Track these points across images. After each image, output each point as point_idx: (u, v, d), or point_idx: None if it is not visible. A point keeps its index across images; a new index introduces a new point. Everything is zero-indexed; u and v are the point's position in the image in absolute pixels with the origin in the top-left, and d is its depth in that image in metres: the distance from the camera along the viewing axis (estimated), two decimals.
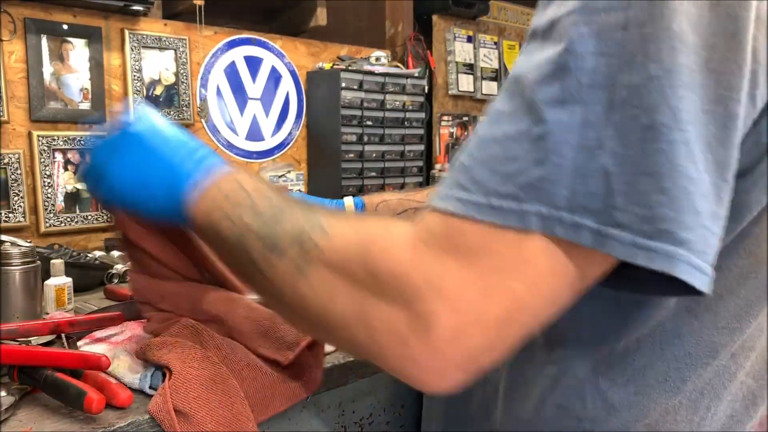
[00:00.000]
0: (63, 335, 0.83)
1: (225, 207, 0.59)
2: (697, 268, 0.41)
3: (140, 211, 0.68)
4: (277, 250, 0.53)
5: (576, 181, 0.42)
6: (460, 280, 0.44)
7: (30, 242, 0.96)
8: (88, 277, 1.26)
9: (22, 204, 1.58)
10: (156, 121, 0.72)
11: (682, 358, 0.54)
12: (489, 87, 2.84)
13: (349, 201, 1.01)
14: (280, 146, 2.15)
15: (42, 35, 1.62)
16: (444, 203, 0.46)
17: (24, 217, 1.58)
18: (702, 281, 0.42)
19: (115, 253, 1.49)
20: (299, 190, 2.16)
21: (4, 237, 0.96)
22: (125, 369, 0.75)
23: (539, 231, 0.43)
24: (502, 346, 0.46)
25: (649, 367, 0.54)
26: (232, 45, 2.01)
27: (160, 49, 1.83)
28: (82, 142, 1.67)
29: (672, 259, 0.41)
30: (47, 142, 1.62)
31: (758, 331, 0.56)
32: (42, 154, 1.61)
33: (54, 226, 1.63)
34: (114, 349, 0.80)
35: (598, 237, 0.42)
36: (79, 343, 0.84)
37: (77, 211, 1.68)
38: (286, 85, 2.15)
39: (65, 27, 1.65)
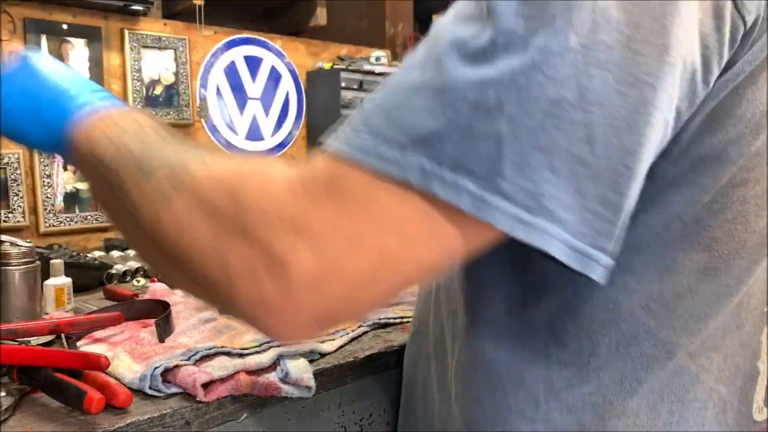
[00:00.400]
0: (63, 335, 0.83)
1: (110, 133, 0.53)
2: (574, 249, 0.41)
3: (19, 136, 0.63)
4: (146, 171, 0.49)
5: (466, 140, 0.40)
6: (330, 225, 0.42)
7: (29, 242, 0.95)
8: (87, 277, 1.26)
9: (21, 204, 1.58)
10: (50, 59, 0.67)
11: (638, 359, 0.52)
12: None
13: None
14: (280, 146, 2.15)
15: (42, 35, 1.62)
16: (333, 143, 0.44)
17: (23, 217, 1.58)
18: (580, 262, 0.41)
19: (115, 253, 1.49)
20: None
21: (3, 237, 0.96)
22: (125, 369, 0.75)
23: (418, 186, 0.40)
24: (363, 302, 0.44)
25: (605, 368, 0.53)
26: (231, 45, 2.01)
27: (160, 48, 1.83)
28: None
29: (547, 236, 0.40)
30: None
31: (720, 332, 0.54)
32: (41, 154, 1.61)
33: (53, 226, 1.63)
34: (114, 349, 0.80)
35: (477, 202, 0.40)
36: (78, 343, 0.84)
37: (77, 211, 1.68)
38: (286, 85, 2.15)
39: (65, 27, 1.65)
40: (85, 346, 0.83)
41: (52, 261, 1.05)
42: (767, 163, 0.50)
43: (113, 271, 1.31)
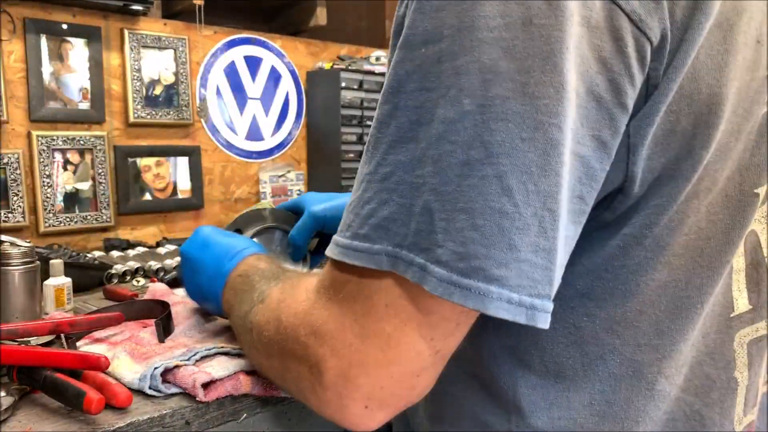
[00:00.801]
0: (62, 335, 0.83)
1: (230, 299, 0.70)
2: (515, 304, 0.41)
3: (206, 307, 0.83)
4: (245, 329, 0.61)
5: (410, 218, 0.43)
6: (339, 324, 0.47)
7: (29, 242, 0.95)
8: (87, 277, 1.26)
9: (21, 204, 1.58)
10: (206, 237, 0.81)
11: (606, 379, 0.52)
12: None
13: None
14: (280, 146, 2.15)
15: (41, 35, 1.62)
16: (330, 251, 0.48)
17: (23, 217, 1.58)
18: (526, 316, 0.41)
19: (115, 253, 1.49)
20: (299, 191, 2.16)
21: (3, 237, 0.95)
22: (125, 369, 0.74)
23: (390, 270, 0.43)
24: (400, 382, 0.46)
25: (573, 390, 0.52)
26: (231, 45, 2.01)
27: (160, 48, 1.83)
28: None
29: (484, 298, 0.40)
30: (46, 142, 1.62)
31: (684, 343, 0.53)
32: (41, 154, 1.61)
33: (53, 226, 1.63)
34: (114, 349, 0.80)
35: (423, 274, 0.42)
36: (78, 343, 0.84)
37: (76, 211, 1.67)
38: (286, 85, 2.15)
39: (65, 27, 1.65)
40: (85, 346, 0.83)
41: (52, 261, 1.05)
42: (717, 168, 0.50)
43: (113, 271, 1.31)
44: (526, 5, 0.41)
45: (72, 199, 1.67)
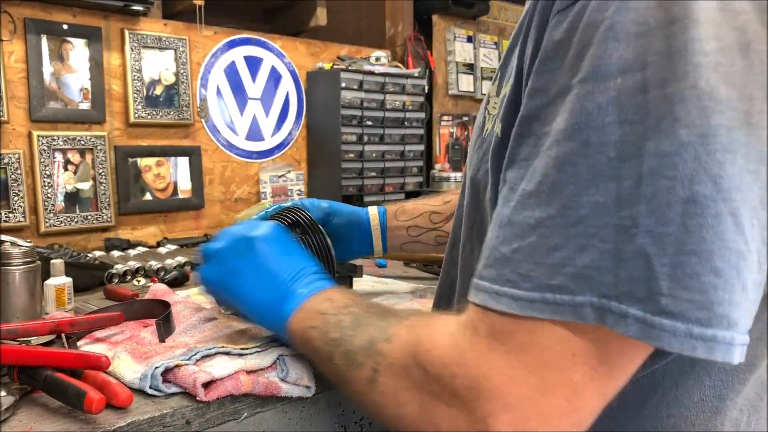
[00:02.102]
0: (63, 335, 0.83)
1: (316, 322, 0.65)
2: (743, 345, 0.39)
3: (251, 319, 0.77)
4: (355, 363, 0.56)
5: (620, 266, 0.39)
6: (510, 379, 0.43)
7: (30, 242, 0.95)
8: (88, 277, 1.26)
9: (22, 204, 1.58)
10: (278, 236, 0.76)
11: (717, 375, 0.49)
12: (488, 87, 2.84)
13: (373, 210, 1.04)
14: (280, 146, 2.15)
15: (42, 35, 1.62)
16: (494, 302, 0.45)
17: (24, 217, 1.58)
18: (742, 354, 0.39)
19: (115, 253, 1.49)
20: (299, 190, 2.16)
21: (4, 237, 0.96)
22: (125, 368, 0.75)
23: (596, 323, 0.40)
24: (569, 428, 0.45)
25: (682, 388, 0.50)
26: (232, 45, 2.01)
27: (160, 49, 1.83)
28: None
29: (731, 346, 0.38)
30: (47, 142, 1.62)
31: None
32: (42, 154, 1.61)
33: (54, 226, 1.63)
34: (114, 349, 0.80)
35: (644, 327, 0.39)
36: (79, 343, 0.84)
37: (77, 211, 1.68)
38: (286, 85, 2.15)
39: (65, 27, 1.65)
40: (85, 345, 0.83)
41: (52, 261, 1.05)
42: None
43: (113, 271, 1.31)
44: (741, 29, 0.38)
45: (72, 199, 1.67)
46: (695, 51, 0.38)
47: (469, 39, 2.76)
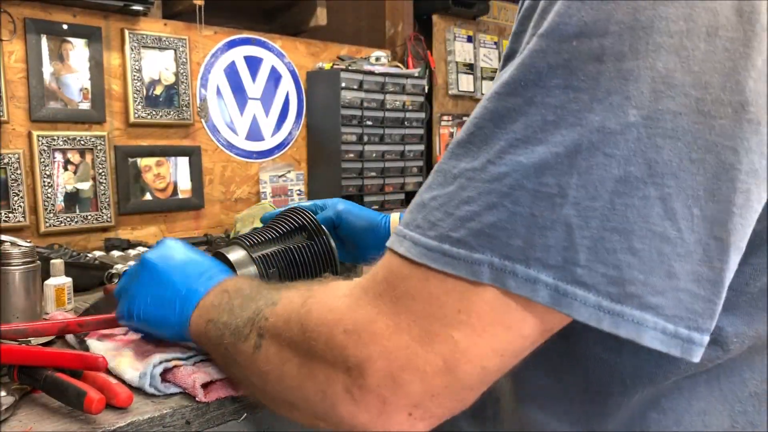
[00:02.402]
0: (73, 335, 0.83)
1: (211, 314, 0.63)
2: (671, 335, 0.38)
3: (159, 334, 0.74)
4: (242, 336, 0.55)
5: (532, 231, 0.38)
6: (393, 324, 0.42)
7: (30, 242, 0.95)
8: (87, 276, 1.26)
9: (21, 204, 1.58)
10: (170, 251, 0.75)
11: (747, 399, 0.46)
12: (489, 87, 2.83)
13: (395, 216, 0.98)
14: (280, 146, 2.15)
15: (42, 35, 1.62)
16: (398, 244, 0.44)
17: (24, 217, 1.58)
18: (681, 349, 0.38)
19: (115, 253, 1.49)
20: (299, 191, 2.16)
21: (4, 237, 0.96)
22: (126, 366, 0.75)
23: (489, 283, 0.39)
24: (454, 394, 0.43)
25: (709, 414, 0.46)
26: (231, 45, 2.01)
27: (160, 49, 1.83)
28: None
29: (640, 326, 0.38)
30: (47, 142, 1.62)
31: None
32: (42, 154, 1.61)
33: (54, 226, 1.63)
34: (118, 346, 0.80)
35: (555, 295, 0.38)
36: (87, 339, 0.84)
37: (77, 211, 1.68)
38: (286, 85, 2.15)
39: (65, 27, 1.65)
40: (91, 341, 0.83)
41: (52, 261, 1.05)
42: None
43: (113, 270, 1.31)
44: (713, 13, 0.37)
45: (72, 199, 1.67)
46: (660, 30, 0.37)
47: (469, 39, 2.76)
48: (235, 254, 0.87)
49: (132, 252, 1.50)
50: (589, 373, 0.49)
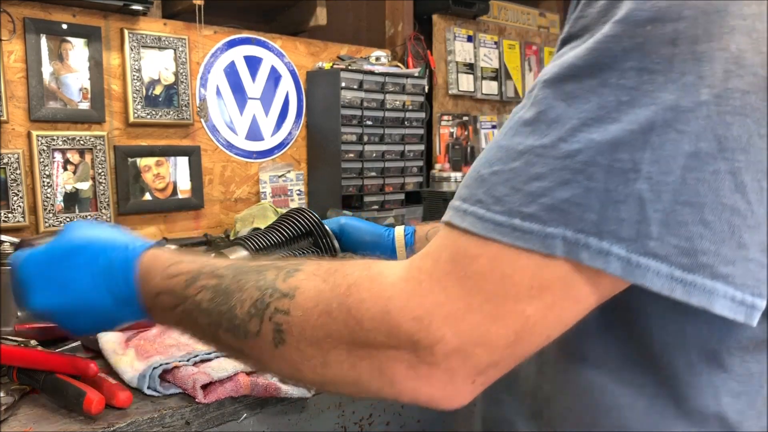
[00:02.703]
0: None
1: (166, 316, 0.57)
2: (739, 303, 0.40)
3: (81, 324, 0.63)
4: (244, 333, 0.52)
5: (606, 205, 0.40)
6: (464, 304, 0.43)
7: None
8: None
9: (21, 204, 1.58)
10: (80, 229, 0.66)
11: None
12: (489, 87, 2.84)
13: (399, 230, 0.98)
14: (280, 146, 2.15)
15: (41, 35, 1.61)
16: (459, 219, 0.45)
17: (23, 217, 1.58)
18: (745, 315, 0.40)
19: None
20: (299, 190, 2.16)
21: (3, 237, 0.95)
22: (127, 366, 0.74)
23: (562, 257, 0.41)
24: (510, 363, 0.46)
25: (762, 374, 0.48)
26: (231, 45, 2.01)
27: (160, 48, 1.83)
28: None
29: (711, 295, 0.40)
30: (47, 142, 1.62)
31: None
32: (41, 154, 1.61)
33: (53, 226, 1.63)
34: (122, 344, 0.80)
35: (627, 266, 0.40)
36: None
37: (77, 211, 1.67)
38: (286, 85, 2.15)
39: (65, 27, 1.65)
40: (101, 337, 0.83)
41: None
42: None
43: None
44: None
45: (72, 199, 1.67)
46: (734, 13, 0.39)
47: (470, 39, 2.76)
48: (237, 256, 0.87)
49: None
50: (655, 348, 0.50)
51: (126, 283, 0.58)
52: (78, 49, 1.68)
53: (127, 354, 0.77)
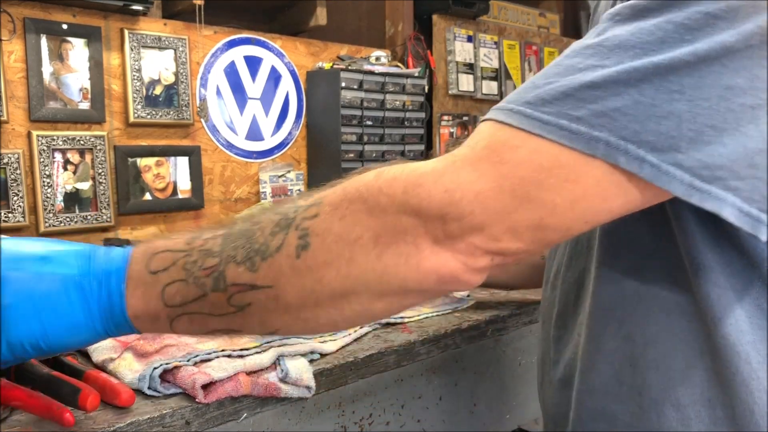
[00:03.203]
0: None
1: (160, 280, 0.50)
2: (745, 213, 0.46)
3: (52, 345, 0.51)
4: (262, 254, 0.49)
5: (649, 117, 0.45)
6: (496, 185, 0.46)
7: None
8: None
9: (21, 204, 1.58)
10: (17, 247, 0.54)
11: None
12: (489, 87, 2.84)
13: None
14: (280, 146, 2.15)
15: (41, 35, 1.61)
16: (504, 116, 0.48)
17: (23, 217, 1.58)
18: (750, 225, 0.46)
19: None
20: (299, 190, 2.16)
21: (3, 237, 0.95)
22: (126, 368, 0.74)
23: (601, 158, 0.46)
24: (528, 248, 0.49)
25: None
26: (231, 45, 2.01)
27: (160, 48, 1.83)
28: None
29: (722, 202, 0.46)
30: (47, 142, 1.62)
31: None
32: (41, 154, 1.61)
33: (53, 226, 1.63)
34: (118, 348, 0.80)
35: (657, 173, 0.46)
36: None
37: (77, 211, 1.67)
38: (286, 85, 2.15)
39: (65, 27, 1.65)
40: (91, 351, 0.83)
41: None
42: None
43: None
44: None
45: (72, 199, 1.67)
46: None
47: (470, 39, 2.75)
48: None
49: None
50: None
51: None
52: (78, 49, 1.68)
53: (124, 358, 0.77)
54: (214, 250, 0.50)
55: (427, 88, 2.40)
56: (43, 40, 1.62)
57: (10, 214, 1.56)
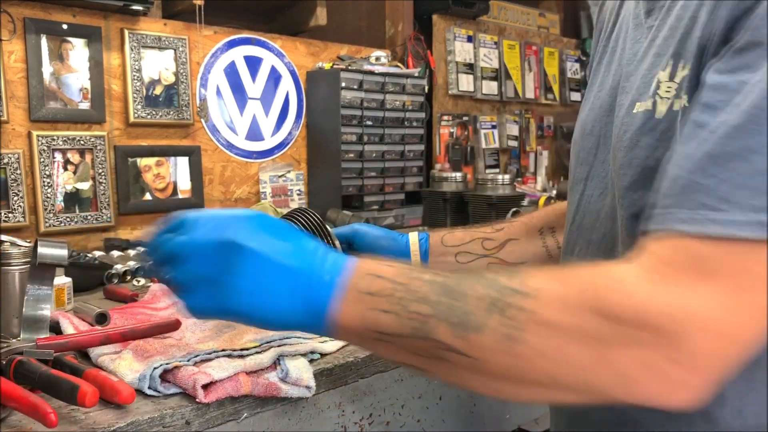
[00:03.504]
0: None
1: (377, 304, 0.55)
2: None
3: (263, 322, 0.60)
4: (473, 326, 0.52)
5: None
6: (714, 302, 0.46)
7: (30, 242, 0.95)
8: (87, 276, 1.26)
9: (21, 204, 1.58)
10: (261, 227, 0.61)
11: None
12: (489, 87, 2.84)
13: (414, 235, 0.97)
14: (280, 146, 2.15)
15: (42, 35, 1.62)
16: (701, 226, 0.47)
17: (24, 217, 1.58)
18: None
19: (115, 253, 1.49)
20: (299, 190, 2.16)
21: (3, 237, 0.96)
22: (126, 368, 0.75)
23: None
24: (748, 354, 0.48)
25: None
26: (231, 45, 2.01)
27: (160, 48, 1.83)
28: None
29: None
30: (47, 142, 1.62)
31: None
32: (41, 154, 1.61)
33: (53, 226, 1.63)
34: (117, 349, 0.80)
35: None
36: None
37: (77, 211, 1.68)
38: (286, 85, 2.15)
39: (65, 27, 1.65)
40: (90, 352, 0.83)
41: None
42: None
43: (113, 270, 1.31)
44: None
45: (72, 199, 1.67)
46: None
47: (469, 39, 2.76)
48: None
49: (132, 252, 1.50)
50: None
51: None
52: (78, 49, 1.68)
53: (124, 357, 0.77)
54: (428, 299, 0.54)
55: (427, 88, 2.40)
56: (44, 40, 1.62)
57: (10, 214, 1.56)
